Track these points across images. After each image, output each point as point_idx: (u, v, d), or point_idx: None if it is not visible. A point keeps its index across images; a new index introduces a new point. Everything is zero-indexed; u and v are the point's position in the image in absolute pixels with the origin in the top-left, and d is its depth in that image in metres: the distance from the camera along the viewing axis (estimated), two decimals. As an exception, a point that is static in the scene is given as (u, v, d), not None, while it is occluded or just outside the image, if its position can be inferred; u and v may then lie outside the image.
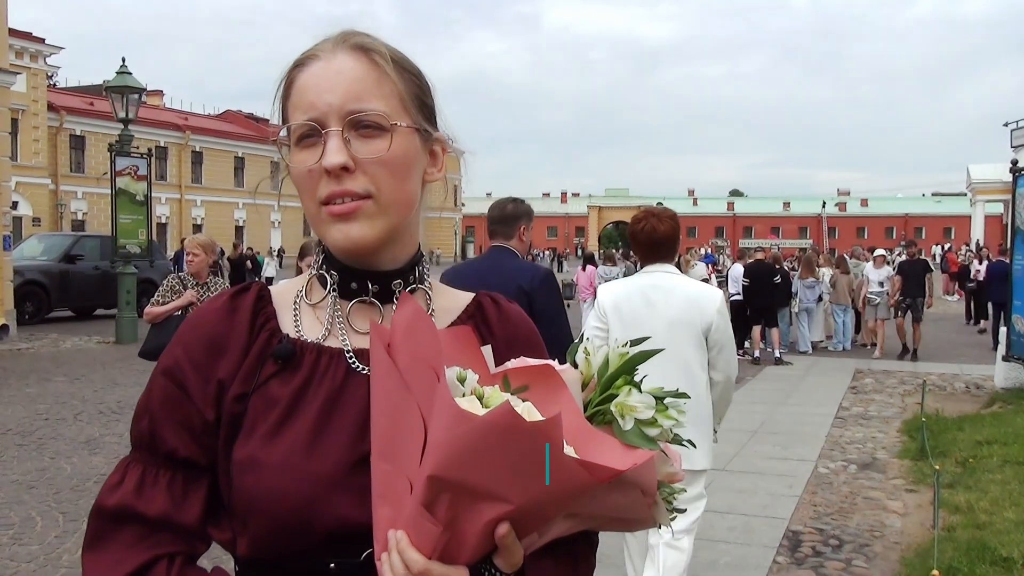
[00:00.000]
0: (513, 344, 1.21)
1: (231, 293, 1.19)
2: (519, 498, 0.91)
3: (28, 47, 39.68)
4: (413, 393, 1.00)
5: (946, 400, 10.82)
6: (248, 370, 1.13)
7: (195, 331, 1.16)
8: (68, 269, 19.61)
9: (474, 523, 0.92)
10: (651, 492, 1.00)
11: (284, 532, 1.04)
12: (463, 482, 0.90)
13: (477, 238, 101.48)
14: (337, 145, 1.07)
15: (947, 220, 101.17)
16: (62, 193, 45.23)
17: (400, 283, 1.18)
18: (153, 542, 1.07)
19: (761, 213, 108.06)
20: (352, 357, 1.14)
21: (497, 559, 0.97)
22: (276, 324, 1.17)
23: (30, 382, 11.26)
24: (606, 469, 0.92)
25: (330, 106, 1.08)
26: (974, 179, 38.95)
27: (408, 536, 0.93)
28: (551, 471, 0.90)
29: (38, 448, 7.73)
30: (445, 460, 0.90)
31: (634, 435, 0.99)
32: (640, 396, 1.01)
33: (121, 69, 16.57)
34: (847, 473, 7.35)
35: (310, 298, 1.20)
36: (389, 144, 1.09)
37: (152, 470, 1.11)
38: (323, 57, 1.12)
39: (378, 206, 1.10)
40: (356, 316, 1.18)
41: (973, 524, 5.59)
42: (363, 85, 1.10)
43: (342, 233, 1.09)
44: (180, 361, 1.13)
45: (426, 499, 0.91)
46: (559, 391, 1.02)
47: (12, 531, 5.56)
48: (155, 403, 1.13)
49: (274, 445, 1.07)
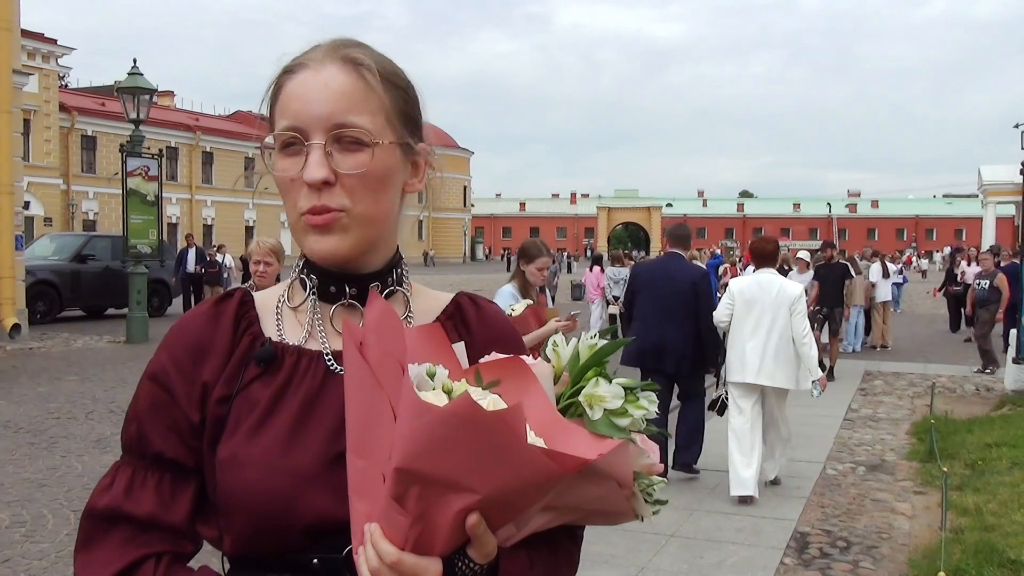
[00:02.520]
0: (492, 343, 1.22)
1: (215, 300, 1.23)
2: (485, 488, 0.92)
3: (40, 48, 39.88)
4: (384, 389, 1.02)
5: (956, 402, 10.79)
6: (231, 373, 1.15)
7: (180, 337, 1.19)
8: (79, 269, 19.71)
9: (444, 514, 0.93)
10: (627, 483, 1.01)
11: (265, 528, 1.07)
12: (429, 473, 0.91)
13: (486, 239, 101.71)
14: (319, 159, 1.09)
15: (958, 222, 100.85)
16: (73, 193, 45.45)
17: (377, 285, 1.20)
18: (142, 542, 1.10)
19: (771, 214, 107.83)
20: (331, 358, 1.17)
21: (470, 550, 0.98)
22: (259, 328, 1.19)
23: (42, 381, 11.33)
24: (573, 458, 0.94)
25: (315, 118, 1.10)
26: (985, 180, 38.74)
27: (381, 528, 0.95)
28: (515, 460, 0.91)
29: (49, 447, 7.79)
30: (410, 452, 0.91)
31: (603, 425, 1.00)
32: (609, 386, 1.02)
33: (132, 70, 16.64)
34: (855, 475, 7.34)
35: (292, 302, 1.23)
36: (370, 160, 1.11)
37: (141, 472, 1.13)
38: (312, 67, 1.13)
39: (352, 220, 1.12)
40: (338, 319, 1.20)
41: (981, 526, 5.58)
42: (349, 100, 1.11)
43: (319, 244, 1.12)
44: (166, 366, 1.16)
45: (395, 491, 0.93)
46: (530, 385, 1.03)
47: (24, 528, 5.61)
48: (143, 407, 1.16)
49: (254, 443, 1.10)
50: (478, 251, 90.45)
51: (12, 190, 15.50)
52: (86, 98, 48.64)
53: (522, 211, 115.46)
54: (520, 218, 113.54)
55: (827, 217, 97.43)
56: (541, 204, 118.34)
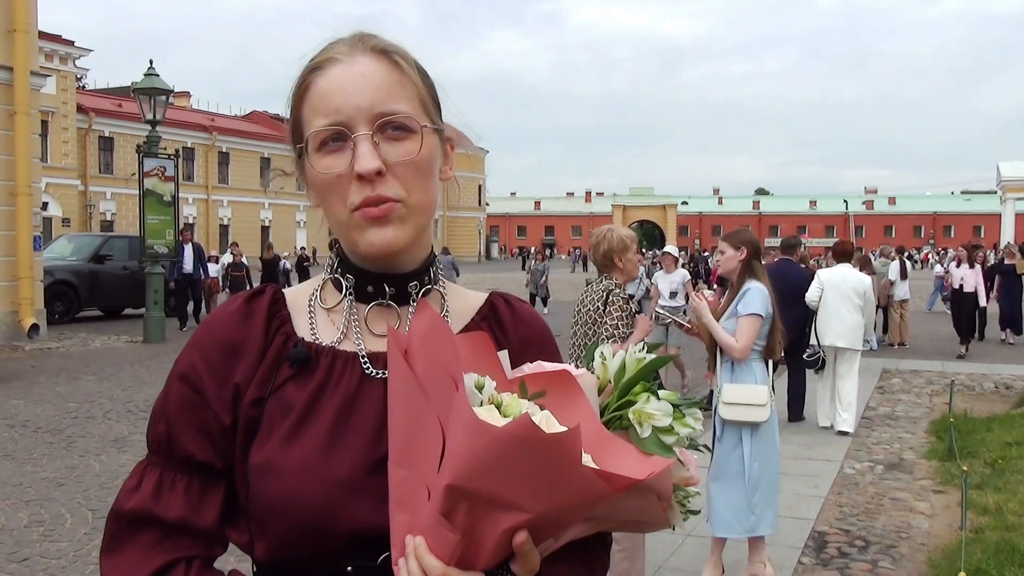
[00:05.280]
0: (527, 344, 1.22)
1: (245, 297, 1.20)
2: (537, 507, 0.91)
3: (58, 50, 40.22)
4: (431, 400, 1.00)
5: (975, 400, 10.71)
6: (264, 374, 1.13)
7: (211, 335, 1.16)
8: (97, 269, 19.80)
9: (492, 531, 0.92)
10: (666, 497, 1.01)
11: (302, 535, 1.05)
12: (481, 491, 0.90)
13: (501, 237, 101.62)
14: (369, 150, 1.06)
15: (976, 218, 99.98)
16: (91, 194, 45.79)
17: (416, 285, 1.18)
18: (170, 546, 1.08)
19: (787, 212, 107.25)
20: (366, 361, 1.14)
21: (514, 565, 0.97)
22: (291, 328, 1.17)
23: (60, 381, 11.40)
24: (624, 479, 0.93)
25: (358, 109, 1.07)
26: (1004, 176, 38.46)
27: (426, 542, 0.94)
28: (569, 481, 0.90)
29: (67, 446, 7.83)
30: (464, 470, 0.90)
31: (652, 443, 1.00)
32: (658, 404, 1.02)
33: (149, 71, 16.73)
34: (873, 474, 7.29)
35: (324, 302, 1.20)
36: (420, 146, 1.10)
37: (169, 474, 1.11)
38: (343, 60, 1.10)
39: (408, 209, 1.10)
40: (373, 319, 1.18)
41: (1002, 526, 5.53)
42: (389, 87, 1.10)
43: (378, 236, 1.09)
44: (196, 365, 1.13)
45: (444, 507, 0.92)
46: (576, 397, 1.02)
47: (42, 528, 5.64)
48: (172, 407, 1.13)
49: (291, 449, 1.07)
50: (493, 250, 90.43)
51: (30, 191, 15.59)
52: (103, 99, 49.01)
53: (537, 210, 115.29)
54: (535, 217, 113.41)
55: (843, 214, 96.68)
56: (556, 203, 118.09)
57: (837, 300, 9.02)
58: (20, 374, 11.89)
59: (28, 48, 15.60)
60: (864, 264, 16.86)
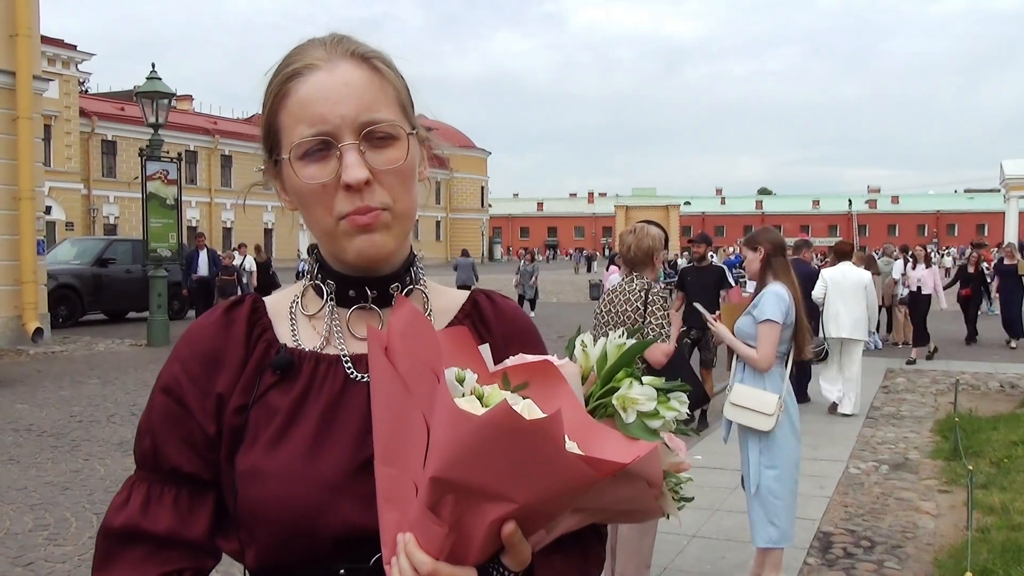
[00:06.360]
0: (510, 340, 1.22)
1: (225, 307, 1.19)
2: (523, 496, 0.91)
3: (60, 54, 40.29)
4: (414, 396, 1.00)
5: (980, 399, 10.68)
6: (247, 382, 1.13)
7: (191, 346, 1.15)
8: (101, 273, 19.86)
9: (480, 523, 0.92)
10: (657, 483, 1.00)
11: (291, 540, 1.04)
12: (466, 482, 0.90)
13: (504, 239, 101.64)
14: (356, 159, 1.06)
15: (980, 217, 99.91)
16: (94, 198, 45.86)
17: (397, 286, 1.18)
18: (161, 559, 1.08)
19: (790, 211, 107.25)
20: (349, 364, 1.14)
21: (505, 558, 0.96)
22: (273, 335, 1.17)
23: (64, 385, 11.41)
24: (610, 463, 0.92)
25: (343, 119, 1.07)
26: (1007, 175, 38.41)
27: (415, 538, 0.93)
28: (554, 468, 0.90)
29: (72, 450, 7.83)
30: (447, 461, 0.90)
31: (637, 428, 1.00)
32: (641, 388, 1.01)
33: (151, 75, 16.75)
34: (878, 474, 7.28)
35: (306, 308, 1.20)
36: (405, 153, 1.10)
37: (157, 488, 1.11)
38: (323, 67, 1.09)
39: (394, 215, 1.10)
40: (355, 323, 1.18)
41: (1008, 525, 5.51)
42: (372, 95, 1.09)
43: (366, 244, 1.09)
44: (178, 377, 1.13)
45: (430, 501, 0.91)
46: (559, 386, 1.02)
47: (47, 532, 5.64)
48: (156, 421, 1.13)
49: (276, 454, 1.07)
50: (496, 251, 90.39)
51: (34, 195, 15.62)
52: (106, 103, 49.05)
53: (540, 211, 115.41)
54: (538, 218, 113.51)
55: (847, 214, 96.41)
56: (559, 204, 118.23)
57: (840, 295, 10.04)
58: (24, 378, 11.91)
59: (31, 52, 15.63)
60: (869, 263, 16.88)
